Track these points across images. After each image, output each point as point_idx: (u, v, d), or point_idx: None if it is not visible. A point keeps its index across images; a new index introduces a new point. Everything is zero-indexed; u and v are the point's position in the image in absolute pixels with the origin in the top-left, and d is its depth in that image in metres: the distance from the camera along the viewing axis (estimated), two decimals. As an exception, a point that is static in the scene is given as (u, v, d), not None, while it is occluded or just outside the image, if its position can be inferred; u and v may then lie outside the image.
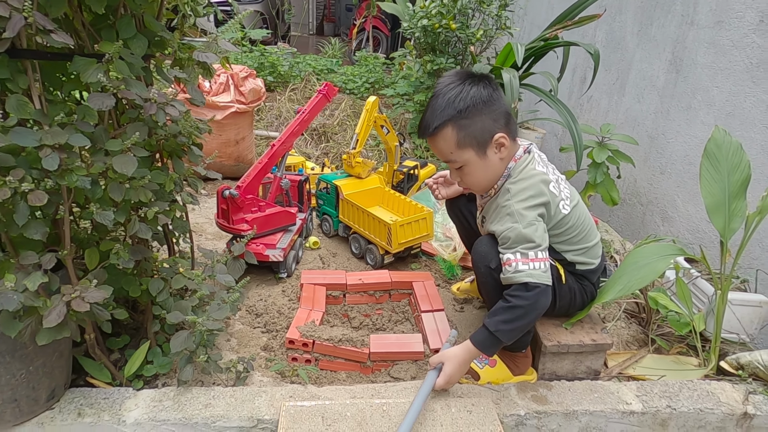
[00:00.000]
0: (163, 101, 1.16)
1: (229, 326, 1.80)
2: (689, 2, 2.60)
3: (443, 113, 1.39)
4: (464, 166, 1.46)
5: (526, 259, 1.36)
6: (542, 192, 1.43)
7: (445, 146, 1.44)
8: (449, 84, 1.43)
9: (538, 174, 1.46)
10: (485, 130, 1.41)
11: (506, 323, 1.35)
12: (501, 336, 1.36)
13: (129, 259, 1.25)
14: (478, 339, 1.40)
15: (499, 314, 1.37)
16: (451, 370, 1.40)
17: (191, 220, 2.59)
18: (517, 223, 1.38)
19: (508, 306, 1.36)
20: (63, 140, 1.01)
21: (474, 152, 1.43)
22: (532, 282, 1.34)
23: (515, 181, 1.45)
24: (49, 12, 1.00)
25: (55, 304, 1.09)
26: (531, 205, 1.40)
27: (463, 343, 1.43)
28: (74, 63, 1.08)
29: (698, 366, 1.72)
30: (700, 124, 2.52)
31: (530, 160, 1.50)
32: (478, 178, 1.49)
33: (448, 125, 1.40)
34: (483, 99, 1.40)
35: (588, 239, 1.57)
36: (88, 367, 1.42)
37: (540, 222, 1.41)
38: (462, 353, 1.41)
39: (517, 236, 1.37)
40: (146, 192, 1.22)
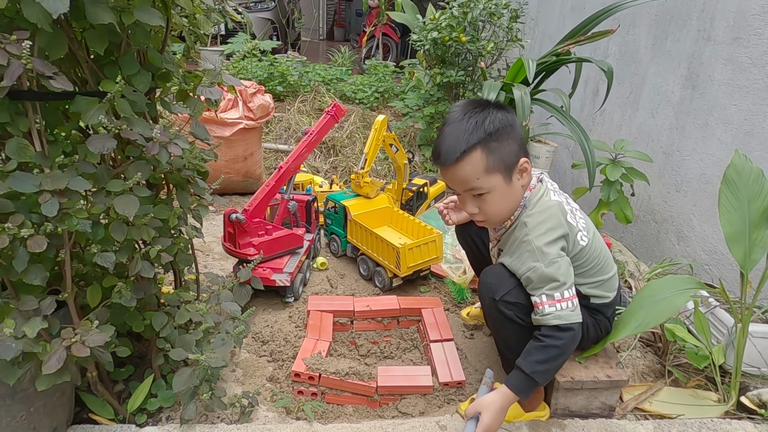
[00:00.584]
0: (166, 140, 1.13)
1: (234, 356, 1.78)
2: (706, 17, 2.54)
3: (472, 136, 1.31)
4: (488, 193, 1.37)
5: (552, 300, 1.32)
6: (561, 223, 1.38)
7: (472, 172, 1.34)
8: (471, 109, 1.36)
9: (554, 204, 1.41)
10: (512, 153, 1.36)
11: (541, 363, 1.31)
12: (537, 377, 1.31)
13: (131, 297, 1.23)
14: (514, 383, 1.34)
15: (532, 355, 1.33)
16: (489, 419, 1.31)
17: (198, 240, 2.58)
18: (538, 262, 1.33)
19: (541, 346, 1.32)
20: (63, 185, 0.99)
21: (501, 177, 1.36)
22: (563, 324, 1.30)
23: (532, 213, 1.39)
24: (50, 55, 0.98)
25: (54, 349, 1.06)
26: (551, 239, 1.35)
27: (498, 388, 1.37)
28: (75, 103, 1.06)
29: (718, 401, 1.66)
30: (717, 142, 2.45)
31: (545, 190, 1.45)
32: (499, 207, 1.41)
33: (477, 149, 1.31)
34: (509, 122, 1.36)
35: (604, 271, 1.52)
36: (91, 403, 1.40)
37: (562, 257, 1.35)
38: (499, 399, 1.34)
39: (539, 277, 1.33)
40: (149, 230, 1.20)
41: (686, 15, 2.68)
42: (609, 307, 1.55)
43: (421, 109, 4.08)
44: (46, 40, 0.96)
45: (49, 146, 1.07)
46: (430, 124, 4.07)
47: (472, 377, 1.74)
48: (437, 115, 3.95)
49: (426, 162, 3.85)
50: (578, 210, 1.52)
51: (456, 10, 3.53)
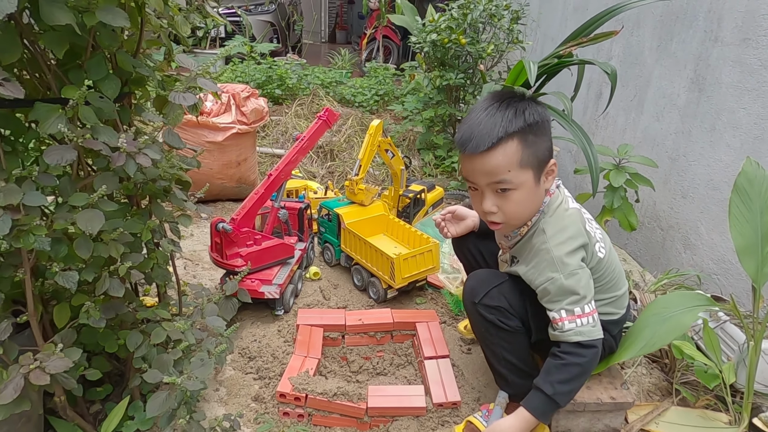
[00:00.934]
0: (134, 149, 1.05)
1: (218, 373, 1.69)
2: (713, 17, 2.45)
3: (511, 124, 1.21)
4: (515, 190, 1.26)
5: (573, 316, 1.24)
6: (581, 232, 1.30)
7: (504, 163, 1.23)
8: (509, 97, 1.27)
9: (574, 212, 1.33)
10: (546, 152, 1.27)
11: (563, 384, 1.24)
12: (559, 399, 1.24)
13: (101, 318, 1.15)
14: (534, 405, 1.25)
15: (553, 374, 1.25)
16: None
17: (188, 248, 2.51)
18: (557, 272, 1.25)
19: (562, 364, 1.24)
20: (17, 200, 0.91)
21: (532, 175, 1.26)
22: (585, 341, 1.23)
23: (550, 221, 1.31)
24: (2, 59, 0.90)
25: (12, 377, 0.98)
26: (571, 249, 1.27)
27: (516, 412, 1.28)
28: (35, 110, 0.98)
29: (728, 423, 1.57)
30: (725, 146, 2.36)
31: (563, 197, 1.36)
32: (522, 208, 1.30)
33: (514, 138, 1.22)
34: (546, 118, 1.28)
35: (617, 287, 1.44)
36: (60, 428, 1.32)
37: (583, 269, 1.27)
38: (518, 424, 1.25)
39: (558, 290, 1.25)
40: (118, 246, 1.12)
41: (692, 16, 2.59)
42: (616, 324, 1.46)
43: (420, 113, 4.01)
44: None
45: (5, 157, 0.99)
46: (430, 127, 3.99)
47: (469, 396, 1.65)
48: (437, 119, 3.87)
49: (425, 167, 3.77)
50: (594, 221, 1.43)
51: (455, 11, 3.45)
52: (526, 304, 1.38)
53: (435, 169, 3.76)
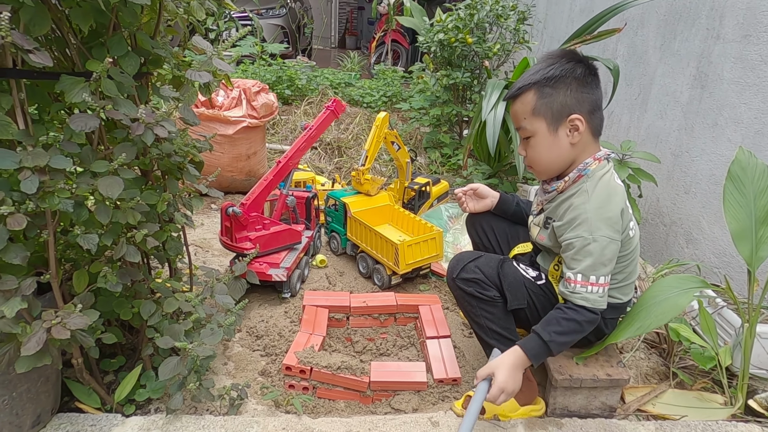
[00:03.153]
0: (152, 121, 1.12)
1: (227, 349, 1.75)
2: (714, 15, 2.49)
3: (532, 77, 1.36)
4: (532, 137, 1.40)
5: (586, 282, 1.31)
6: (620, 205, 1.35)
7: (521, 110, 1.39)
8: (550, 56, 1.40)
9: (619, 187, 1.38)
10: (565, 105, 1.35)
11: (560, 335, 1.30)
12: (553, 347, 1.30)
13: (117, 282, 1.21)
14: (529, 346, 1.32)
15: (553, 324, 1.32)
16: (503, 377, 1.27)
17: (199, 236, 2.58)
18: (588, 233, 1.30)
19: (563, 318, 1.31)
20: (43, 162, 0.98)
21: (546, 125, 1.37)
22: (589, 306, 1.30)
23: (597, 185, 1.36)
24: (33, 31, 0.97)
25: (35, 331, 1.05)
26: (609, 216, 1.32)
27: (511, 348, 1.34)
28: (60, 82, 1.05)
29: (724, 404, 1.60)
30: (726, 142, 2.39)
31: (610, 169, 1.41)
32: (543, 155, 1.41)
33: (531, 89, 1.36)
34: (575, 76, 1.35)
35: (629, 272, 1.47)
36: (77, 391, 1.38)
37: (613, 241, 1.32)
38: (513, 358, 1.31)
39: (582, 249, 1.31)
40: (135, 214, 1.18)
41: (695, 14, 2.64)
42: (614, 309, 1.48)
43: (427, 112, 4.07)
44: (29, 15, 0.96)
45: (33, 125, 1.06)
46: (437, 126, 4.05)
47: (469, 375, 1.70)
48: (443, 118, 3.92)
49: (431, 164, 3.82)
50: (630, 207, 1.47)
51: (462, 11, 3.52)
52: (500, 276, 1.47)
53: (441, 167, 3.81)
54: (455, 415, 1.47)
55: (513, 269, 1.52)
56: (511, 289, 1.47)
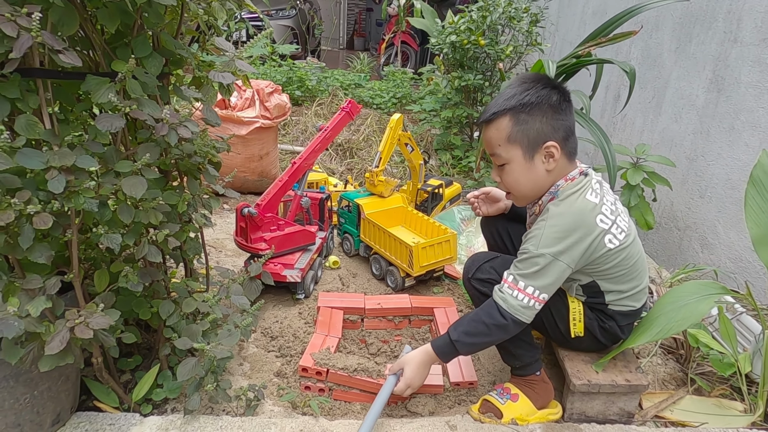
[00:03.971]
0: (175, 122, 1.12)
1: (242, 349, 1.75)
2: (732, 18, 2.47)
3: (507, 102, 1.34)
4: (507, 164, 1.39)
5: (515, 285, 1.31)
6: (580, 225, 1.31)
7: (496, 136, 1.37)
8: (524, 80, 1.38)
9: (585, 203, 1.34)
10: (541, 133, 1.33)
11: (467, 335, 1.34)
12: (459, 347, 1.35)
13: (138, 282, 1.22)
14: (437, 344, 1.39)
15: (463, 324, 1.37)
16: (411, 373, 1.40)
17: (212, 236, 2.58)
18: (534, 247, 1.31)
19: (472, 319, 1.35)
20: (70, 162, 0.98)
21: (521, 152, 1.36)
22: (502, 307, 1.31)
23: (559, 204, 1.35)
24: (61, 31, 0.98)
25: (58, 330, 1.05)
26: (559, 236, 1.30)
27: (422, 347, 1.43)
28: (86, 82, 1.06)
29: (744, 412, 1.58)
30: (743, 146, 2.37)
31: (583, 185, 1.37)
32: (518, 181, 1.40)
33: (507, 115, 1.34)
34: (551, 103, 1.33)
35: (630, 279, 1.43)
36: (96, 390, 1.39)
37: (557, 261, 1.29)
38: (420, 355, 1.41)
39: (525, 259, 1.32)
40: (157, 214, 1.18)
41: (711, 17, 2.62)
42: (627, 317, 1.47)
43: (438, 114, 4.06)
44: (58, 16, 0.96)
45: (59, 125, 1.06)
46: (448, 128, 4.04)
47: (485, 379, 1.69)
48: (454, 120, 3.92)
49: (442, 166, 3.81)
50: (624, 213, 1.43)
51: (475, 13, 3.51)
52: None
53: (452, 169, 3.81)
54: (472, 419, 1.46)
55: None
56: None
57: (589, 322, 1.46)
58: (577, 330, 1.47)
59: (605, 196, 1.39)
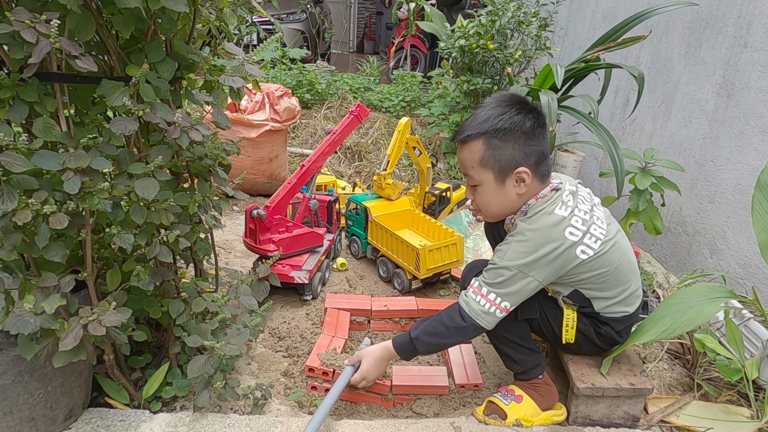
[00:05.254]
0: (187, 125, 1.15)
1: (250, 349, 1.78)
2: (742, 23, 2.46)
3: (481, 125, 1.34)
4: (479, 186, 1.41)
5: (479, 291, 1.35)
6: (547, 241, 1.31)
7: (469, 158, 1.39)
8: (500, 102, 1.38)
9: (553, 218, 1.33)
10: (512, 159, 1.35)
11: (427, 335, 1.38)
12: (418, 345, 1.39)
13: (149, 281, 1.24)
14: (398, 341, 1.45)
15: (424, 323, 1.41)
16: (367, 366, 1.45)
17: (221, 237, 2.61)
18: (500, 260, 1.34)
19: (435, 319, 1.39)
20: (85, 164, 1.01)
21: (493, 176, 1.38)
22: (463, 310, 1.34)
23: (527, 220, 1.37)
24: (78, 37, 1.01)
25: (72, 327, 1.08)
26: (524, 250, 1.31)
27: (383, 342, 1.48)
28: (101, 86, 1.09)
29: (750, 418, 1.57)
30: (753, 151, 2.36)
31: (552, 200, 1.37)
32: (489, 203, 1.43)
33: (480, 138, 1.35)
34: (524, 130, 1.33)
35: (615, 285, 1.42)
36: (107, 387, 1.42)
37: (521, 275, 1.31)
38: (379, 351, 1.46)
39: (491, 269, 1.35)
40: (168, 215, 1.21)
41: (722, 21, 2.61)
42: (621, 322, 1.47)
43: (446, 117, 4.07)
44: (75, 22, 0.99)
45: (75, 128, 1.09)
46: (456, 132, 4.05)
47: (490, 382, 1.70)
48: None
49: (450, 170, 3.83)
50: (600, 222, 1.39)
51: (484, 17, 3.53)
52: None
53: (460, 173, 3.82)
54: (476, 421, 1.47)
55: None
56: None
57: (585, 327, 1.47)
58: (568, 336, 1.48)
59: (578, 207, 1.37)
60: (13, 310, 1.03)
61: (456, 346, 1.75)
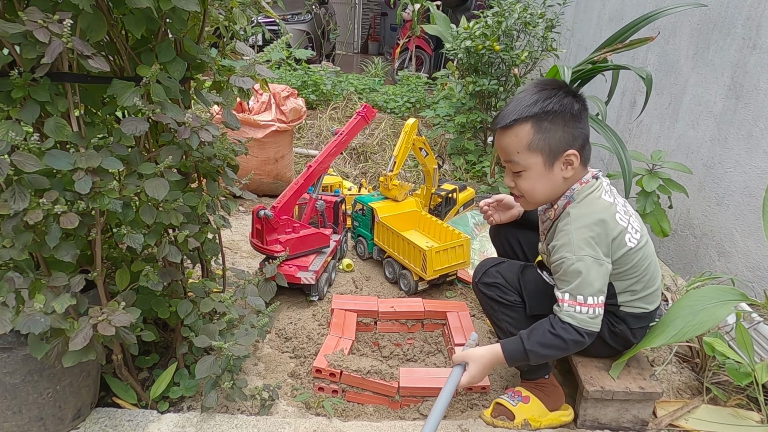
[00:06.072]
0: (197, 125, 1.15)
1: (257, 350, 1.77)
2: (751, 25, 2.45)
3: (529, 108, 1.31)
4: (525, 171, 1.38)
5: (574, 301, 1.30)
6: (603, 223, 1.33)
7: (515, 144, 1.35)
8: (544, 85, 1.36)
9: (603, 203, 1.37)
10: (562, 141, 1.34)
11: (542, 347, 1.31)
12: (532, 356, 1.32)
13: (158, 281, 1.24)
14: (509, 348, 1.35)
15: (538, 335, 1.32)
16: (476, 371, 1.35)
17: (227, 238, 2.61)
18: (571, 254, 1.30)
19: (549, 332, 1.31)
20: (96, 164, 1.01)
21: (542, 160, 1.35)
22: (576, 326, 1.29)
23: (577, 206, 1.36)
24: (90, 37, 1.01)
25: (81, 327, 1.08)
26: (589, 236, 1.31)
27: (491, 345, 1.38)
28: (112, 86, 1.09)
29: (760, 422, 1.56)
30: (762, 153, 2.35)
31: (597, 186, 1.40)
32: (536, 188, 1.40)
33: (528, 122, 1.32)
34: (572, 112, 1.33)
35: (645, 282, 1.44)
36: (115, 387, 1.42)
37: (598, 261, 1.31)
38: (488, 355, 1.36)
39: (567, 271, 1.31)
40: (178, 215, 1.21)
41: (730, 23, 2.60)
42: (640, 319, 1.47)
43: (452, 119, 4.07)
44: (87, 22, 0.99)
45: (86, 128, 1.10)
46: (461, 133, 4.05)
47: (497, 384, 1.69)
48: (468, 125, 3.92)
49: (456, 171, 3.82)
50: (636, 216, 1.45)
51: (490, 19, 3.52)
52: (521, 281, 1.50)
53: (465, 174, 3.81)
54: (484, 423, 1.47)
55: (535, 275, 1.54)
56: (531, 295, 1.49)
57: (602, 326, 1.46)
58: None
59: (616, 198, 1.42)
60: (24, 310, 1.03)
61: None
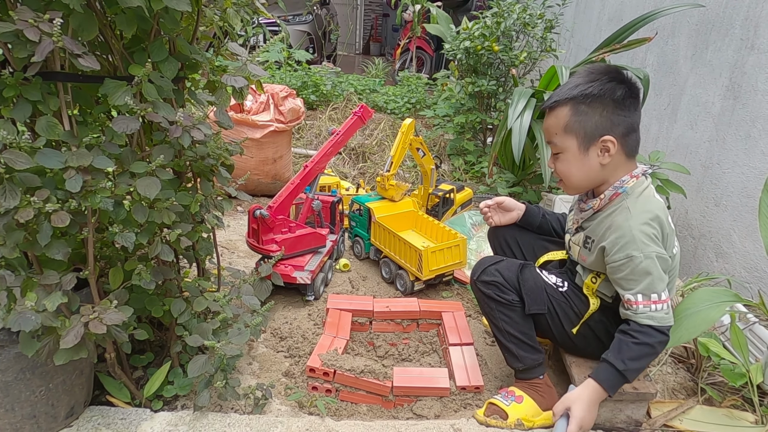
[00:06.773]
0: (189, 124, 1.15)
1: (252, 349, 1.78)
2: (749, 26, 2.45)
3: (569, 91, 1.35)
4: (562, 153, 1.40)
5: (648, 301, 1.29)
6: (663, 221, 1.33)
7: (554, 124, 1.39)
8: (592, 70, 1.38)
9: (659, 202, 1.36)
10: (599, 126, 1.33)
11: (634, 360, 1.29)
12: (629, 375, 1.30)
13: (151, 280, 1.25)
14: (603, 377, 1.31)
15: (624, 351, 1.30)
16: (582, 412, 1.29)
17: (225, 237, 2.62)
18: (638, 251, 1.28)
19: (634, 343, 1.29)
20: (87, 162, 1.02)
21: (576, 143, 1.36)
22: (656, 325, 1.28)
23: (636, 201, 1.35)
24: (81, 36, 1.02)
25: (73, 325, 1.08)
26: (653, 233, 1.30)
27: (584, 383, 1.34)
28: (104, 85, 1.09)
29: (755, 423, 1.56)
30: (760, 154, 2.34)
31: (649, 185, 1.39)
32: (571, 171, 1.40)
33: (567, 104, 1.35)
34: (614, 98, 1.33)
35: (672, 289, 1.45)
36: (108, 385, 1.42)
37: (662, 256, 1.30)
38: (588, 393, 1.31)
39: (635, 270, 1.29)
40: (170, 214, 1.22)
41: (728, 23, 2.59)
42: None
43: (451, 119, 4.07)
44: (78, 21, 1.00)
45: (78, 127, 1.10)
46: (461, 133, 4.05)
47: (491, 384, 1.69)
48: (467, 125, 3.92)
49: (455, 171, 3.82)
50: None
51: (489, 19, 3.52)
52: (520, 280, 1.48)
53: (464, 174, 3.81)
54: (477, 423, 1.47)
55: (534, 274, 1.53)
56: (529, 294, 1.48)
57: (596, 324, 1.46)
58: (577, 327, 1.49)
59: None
60: (15, 308, 1.04)
61: (458, 347, 1.74)
